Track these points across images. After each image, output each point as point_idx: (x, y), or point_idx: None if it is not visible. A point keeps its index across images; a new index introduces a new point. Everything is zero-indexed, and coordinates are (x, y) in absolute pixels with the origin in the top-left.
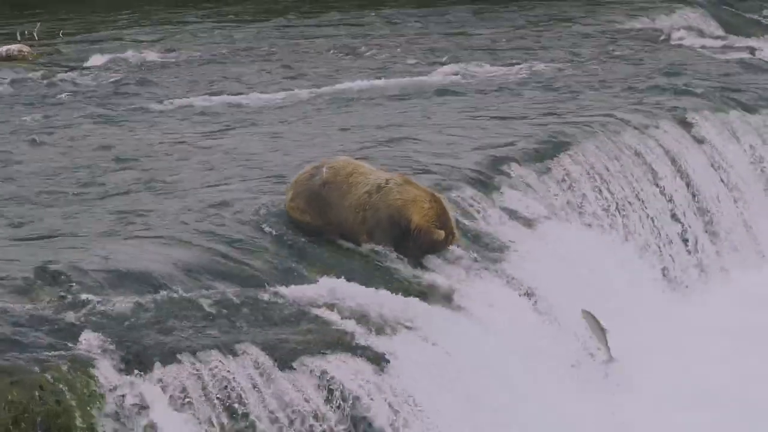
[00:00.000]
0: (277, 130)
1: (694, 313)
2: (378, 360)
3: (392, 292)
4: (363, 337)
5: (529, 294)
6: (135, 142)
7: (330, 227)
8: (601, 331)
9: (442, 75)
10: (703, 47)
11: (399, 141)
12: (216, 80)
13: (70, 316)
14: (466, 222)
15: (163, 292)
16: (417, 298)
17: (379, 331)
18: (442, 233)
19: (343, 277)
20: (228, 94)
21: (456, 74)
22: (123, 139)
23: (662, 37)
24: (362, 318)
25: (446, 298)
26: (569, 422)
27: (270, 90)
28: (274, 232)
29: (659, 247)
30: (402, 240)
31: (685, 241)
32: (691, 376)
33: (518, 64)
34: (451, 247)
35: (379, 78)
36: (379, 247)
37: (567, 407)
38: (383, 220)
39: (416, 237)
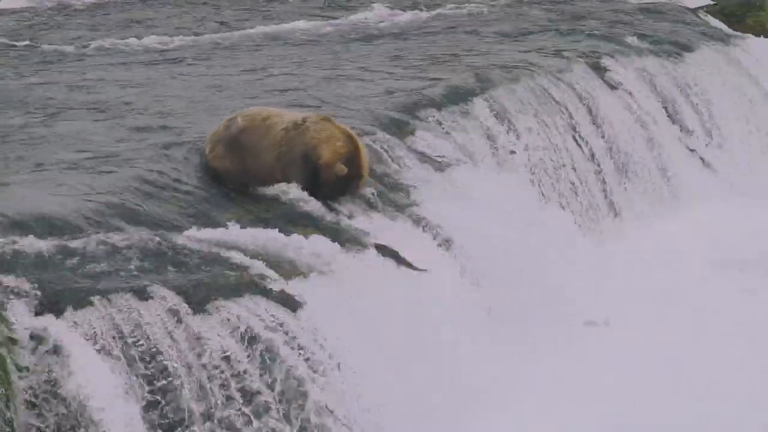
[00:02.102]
0: (190, 75)
1: (609, 258)
2: (291, 303)
3: (305, 236)
4: (276, 280)
5: (439, 237)
6: (50, 88)
7: (250, 174)
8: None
9: (358, 19)
10: None
11: (313, 86)
12: (133, 24)
13: None
14: (380, 166)
15: (76, 236)
16: (330, 242)
17: (292, 274)
18: (344, 168)
19: (256, 221)
20: (145, 38)
21: (371, 19)
22: (38, 83)
23: None
24: (275, 261)
25: (358, 242)
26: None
27: (184, 34)
28: (188, 178)
29: (573, 192)
30: (314, 178)
31: (599, 184)
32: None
33: (434, 8)
34: (364, 190)
35: (294, 21)
36: (291, 194)
37: (479, 354)
38: (297, 157)
39: (322, 173)
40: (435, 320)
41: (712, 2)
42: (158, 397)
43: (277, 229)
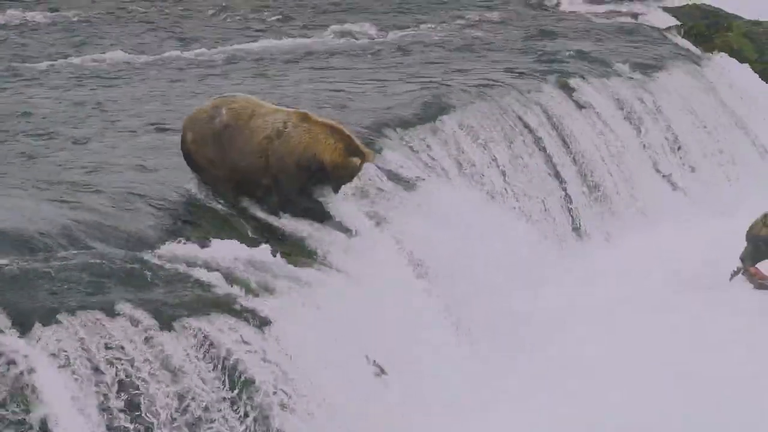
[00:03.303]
0: (162, 91)
1: (573, 277)
2: (259, 321)
3: (275, 255)
4: (245, 298)
5: (409, 255)
6: (18, 102)
7: (234, 176)
8: None
9: (327, 38)
10: (588, 12)
11: (282, 103)
12: (100, 40)
13: None
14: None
15: (45, 253)
16: (300, 261)
17: (261, 292)
18: (358, 160)
19: (225, 239)
20: (112, 54)
21: (341, 38)
22: (5, 98)
23: (549, 3)
24: (244, 279)
25: (328, 260)
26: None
27: (153, 51)
28: (156, 194)
29: (540, 209)
30: (312, 180)
31: (566, 203)
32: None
33: (403, 28)
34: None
35: (266, 40)
36: (261, 211)
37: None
38: (290, 166)
39: (334, 173)
40: (406, 335)
41: (679, 23)
42: (125, 414)
43: (246, 246)
